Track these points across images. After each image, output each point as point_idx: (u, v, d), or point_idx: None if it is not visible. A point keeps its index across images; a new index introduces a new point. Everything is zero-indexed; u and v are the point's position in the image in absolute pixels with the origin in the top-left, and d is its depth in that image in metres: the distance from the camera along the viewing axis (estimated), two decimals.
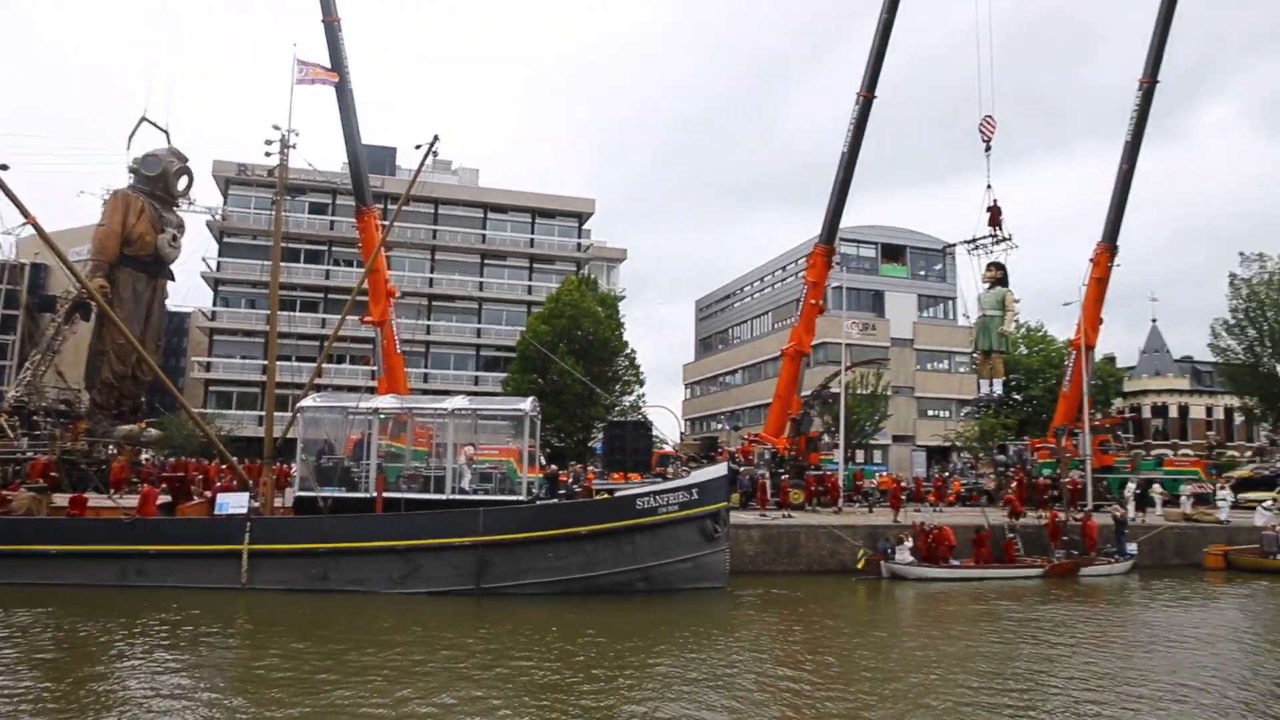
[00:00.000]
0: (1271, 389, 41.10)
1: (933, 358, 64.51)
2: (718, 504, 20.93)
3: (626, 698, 11.47)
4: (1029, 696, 11.89)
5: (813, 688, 12.11)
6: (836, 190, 35.11)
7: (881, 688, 12.16)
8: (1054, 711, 11.17)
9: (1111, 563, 26.10)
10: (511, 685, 11.88)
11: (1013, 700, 11.64)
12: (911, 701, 11.45)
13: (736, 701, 11.27)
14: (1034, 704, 11.50)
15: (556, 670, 12.76)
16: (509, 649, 14.07)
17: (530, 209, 59.68)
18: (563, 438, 43.64)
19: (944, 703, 11.39)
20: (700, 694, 11.57)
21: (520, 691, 11.58)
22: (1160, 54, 37.65)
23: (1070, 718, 10.99)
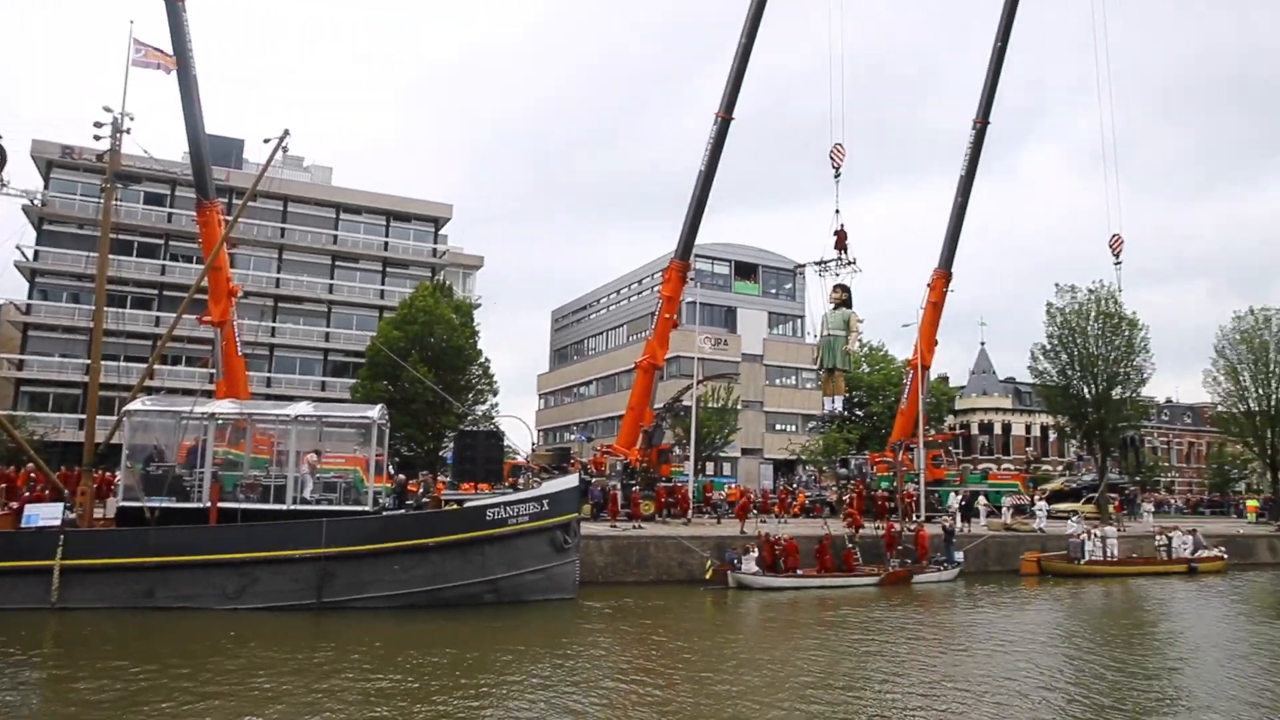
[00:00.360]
0: (1080, 409, 44.57)
1: (781, 373, 66.69)
2: (568, 515, 20.94)
3: (475, 711, 11.29)
4: (871, 696, 12.44)
5: (661, 694, 12.27)
6: (693, 208, 35.87)
7: (729, 693, 12.45)
8: (895, 708, 11.73)
9: (941, 570, 27.68)
10: (356, 701, 11.48)
11: (855, 700, 12.14)
12: (760, 704, 11.77)
13: (587, 710, 11.29)
14: (876, 703, 12.03)
15: (402, 685, 12.43)
16: (354, 664, 13.60)
17: (385, 211, 58.03)
18: (412, 447, 42.56)
19: (791, 705, 11.76)
20: (550, 704, 11.52)
21: (365, 707, 11.21)
22: (990, 99, 40.55)
23: (909, 713, 11.57)
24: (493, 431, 31.28)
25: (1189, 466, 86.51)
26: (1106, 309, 43.66)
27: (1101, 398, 43.39)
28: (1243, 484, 69.19)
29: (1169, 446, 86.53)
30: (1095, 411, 43.66)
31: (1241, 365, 49.32)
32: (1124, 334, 43.61)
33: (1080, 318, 44.17)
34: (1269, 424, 49.06)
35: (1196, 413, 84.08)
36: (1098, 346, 43.65)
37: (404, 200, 58.95)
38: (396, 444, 40.13)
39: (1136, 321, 43.99)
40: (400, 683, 12.65)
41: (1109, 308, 43.62)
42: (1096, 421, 43.88)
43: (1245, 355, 49.20)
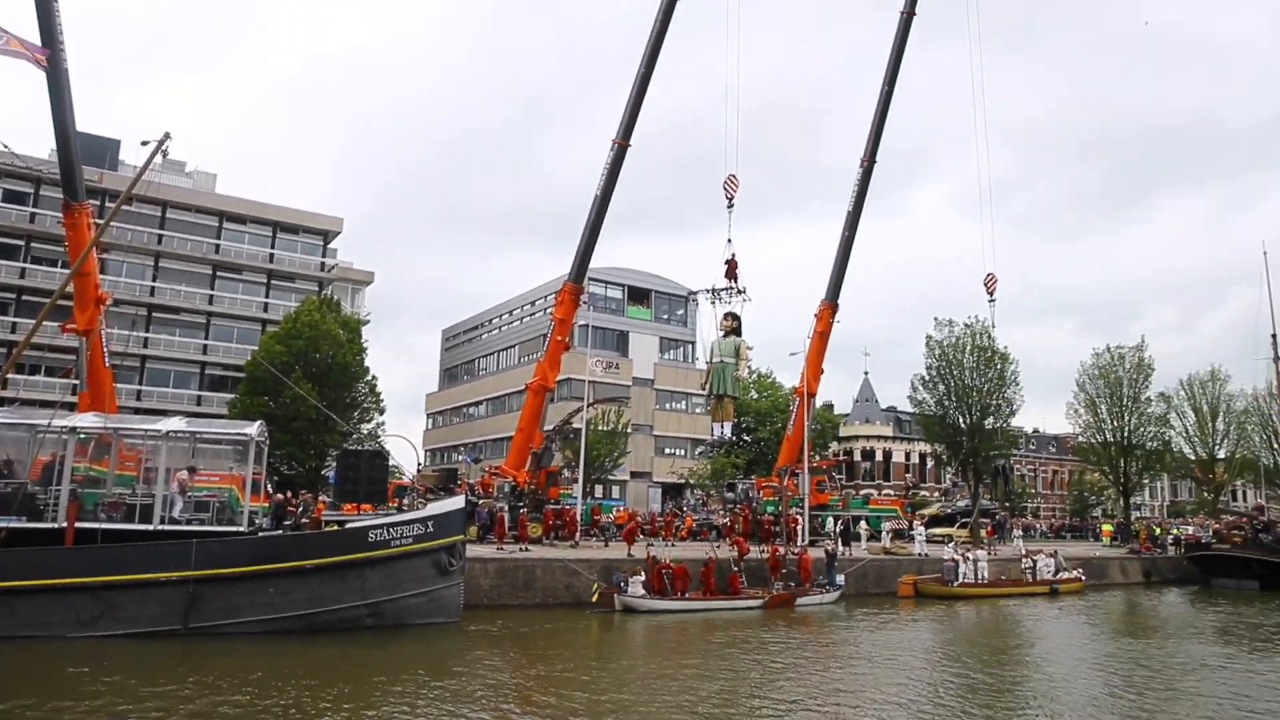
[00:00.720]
0: (956, 437, 46.60)
1: (671, 398, 67.34)
2: (454, 537, 20.57)
3: None
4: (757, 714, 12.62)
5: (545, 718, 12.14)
6: (588, 231, 36.01)
7: (616, 716, 12.40)
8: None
9: (823, 593, 28.32)
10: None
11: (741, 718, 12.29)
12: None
13: None
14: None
15: (277, 714, 11.91)
16: (224, 694, 12.96)
17: (272, 222, 56.10)
18: (293, 465, 41.11)
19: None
20: None
21: None
22: (878, 140, 42.24)
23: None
24: (377, 451, 30.53)
25: (1053, 493, 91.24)
26: (981, 343, 45.87)
27: (975, 427, 45.47)
28: (1099, 510, 73.37)
29: (1035, 474, 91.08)
30: (970, 440, 45.69)
31: (1099, 399, 52.55)
32: (996, 367, 45.91)
33: (957, 351, 46.28)
34: (1122, 453, 52.32)
35: (1060, 442, 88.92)
36: (972, 378, 45.80)
37: (292, 211, 57.18)
38: (276, 462, 38.70)
39: (1008, 356, 46.40)
40: (275, 712, 12.13)
41: (983, 342, 45.85)
42: (971, 450, 45.92)
43: (1102, 389, 52.48)
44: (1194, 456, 61.26)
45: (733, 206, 37.82)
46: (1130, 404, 51.90)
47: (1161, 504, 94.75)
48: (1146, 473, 56.77)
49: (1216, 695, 15.26)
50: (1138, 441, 52.37)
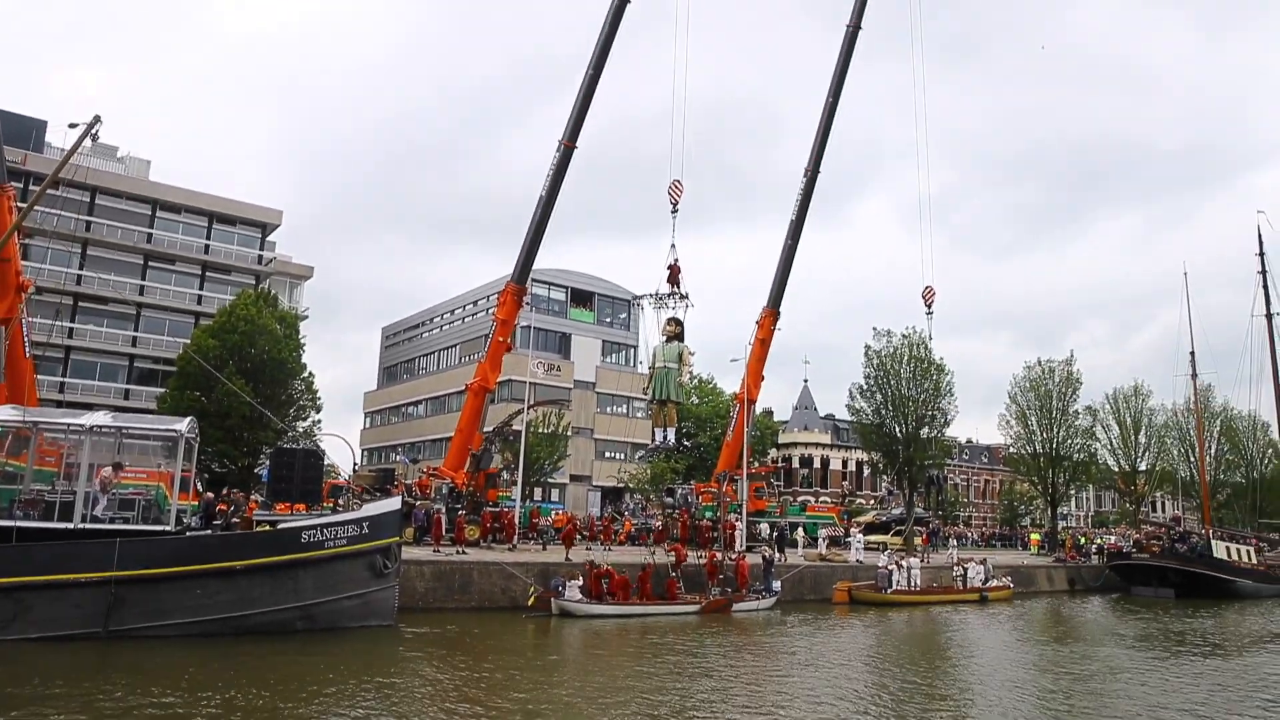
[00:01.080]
0: (892, 446, 47.33)
1: (612, 401, 67.31)
2: (389, 539, 20.26)
3: None
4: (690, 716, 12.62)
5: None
6: (531, 232, 35.80)
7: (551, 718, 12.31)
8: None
9: (759, 599, 28.53)
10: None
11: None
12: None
13: None
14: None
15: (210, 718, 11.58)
16: (145, 700, 12.53)
17: (208, 212, 54.56)
18: (225, 463, 40.06)
19: None
20: None
21: None
22: (821, 151, 42.76)
23: None
24: (312, 450, 29.89)
25: (984, 502, 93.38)
26: (918, 354, 46.68)
27: (911, 436, 46.23)
28: (1028, 519, 75.32)
29: (968, 483, 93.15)
30: (905, 449, 46.45)
31: (1030, 411, 53.96)
32: (932, 378, 46.75)
33: (894, 361, 47.02)
34: (1050, 464, 53.77)
35: (992, 453, 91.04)
36: (909, 388, 46.55)
37: (229, 202, 55.77)
38: (207, 460, 37.66)
39: (944, 367, 47.25)
40: (210, 715, 11.77)
41: (920, 353, 46.66)
42: (906, 458, 46.68)
43: (1033, 402, 53.89)
44: (1117, 468, 63.35)
45: (677, 212, 37.98)
46: (1059, 416, 53.40)
47: (1087, 514, 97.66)
48: (1073, 483, 58.39)
49: (1136, 698, 15.72)
50: (1065, 453, 53.88)
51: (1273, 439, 64.22)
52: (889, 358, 47.12)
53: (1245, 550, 45.72)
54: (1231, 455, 67.37)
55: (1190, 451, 61.88)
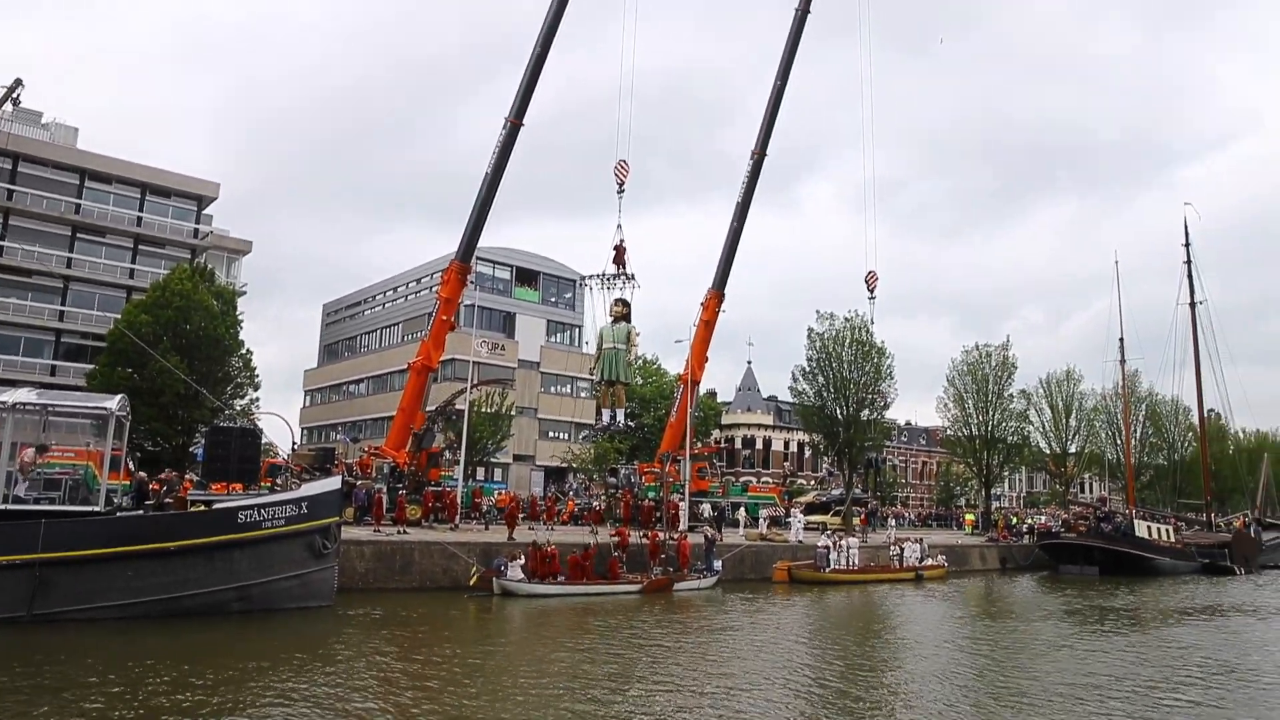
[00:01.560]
0: (833, 428, 48.12)
1: (556, 381, 67.16)
2: (329, 519, 20.03)
3: None
4: (631, 695, 12.71)
5: (420, 703, 11.94)
6: (477, 209, 35.44)
7: (490, 699, 12.31)
8: (654, 705, 12.03)
9: (701, 578, 28.83)
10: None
11: (615, 699, 12.35)
12: (527, 710, 11.73)
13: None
14: (637, 701, 12.30)
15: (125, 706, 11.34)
16: (68, 685, 12.24)
17: (141, 183, 52.85)
18: (159, 442, 39.12)
19: (552, 708, 11.80)
20: (297, 718, 10.93)
21: None
22: (769, 133, 42.97)
23: (672, 710, 11.94)
24: (249, 428, 29.35)
25: (922, 483, 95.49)
26: (859, 337, 47.41)
27: (851, 418, 47.00)
28: (963, 499, 77.23)
29: (906, 465, 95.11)
30: (846, 431, 47.24)
31: (966, 394, 55.21)
32: (873, 361, 47.55)
33: (836, 344, 47.70)
34: (985, 446, 55.14)
35: (930, 435, 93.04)
36: (850, 371, 47.30)
37: (163, 173, 54.08)
38: (140, 438, 36.77)
39: (884, 350, 48.08)
40: (152, 697, 11.54)
41: (861, 336, 47.40)
42: (847, 440, 47.49)
43: (970, 386, 55.14)
44: (1049, 451, 65.27)
45: (623, 192, 37.96)
46: (994, 400, 54.74)
47: (1019, 495, 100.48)
48: (1007, 465, 60.03)
49: (1067, 670, 16.28)
50: (1000, 435, 55.31)
51: (1193, 423, 66.67)
52: (831, 340, 47.80)
53: (1165, 530, 47.50)
54: (1155, 439, 69.94)
55: (1117, 435, 64.04)
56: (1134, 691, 14.80)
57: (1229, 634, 23.62)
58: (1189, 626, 24.97)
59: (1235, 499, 73.41)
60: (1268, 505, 71.32)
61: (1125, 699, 14.14)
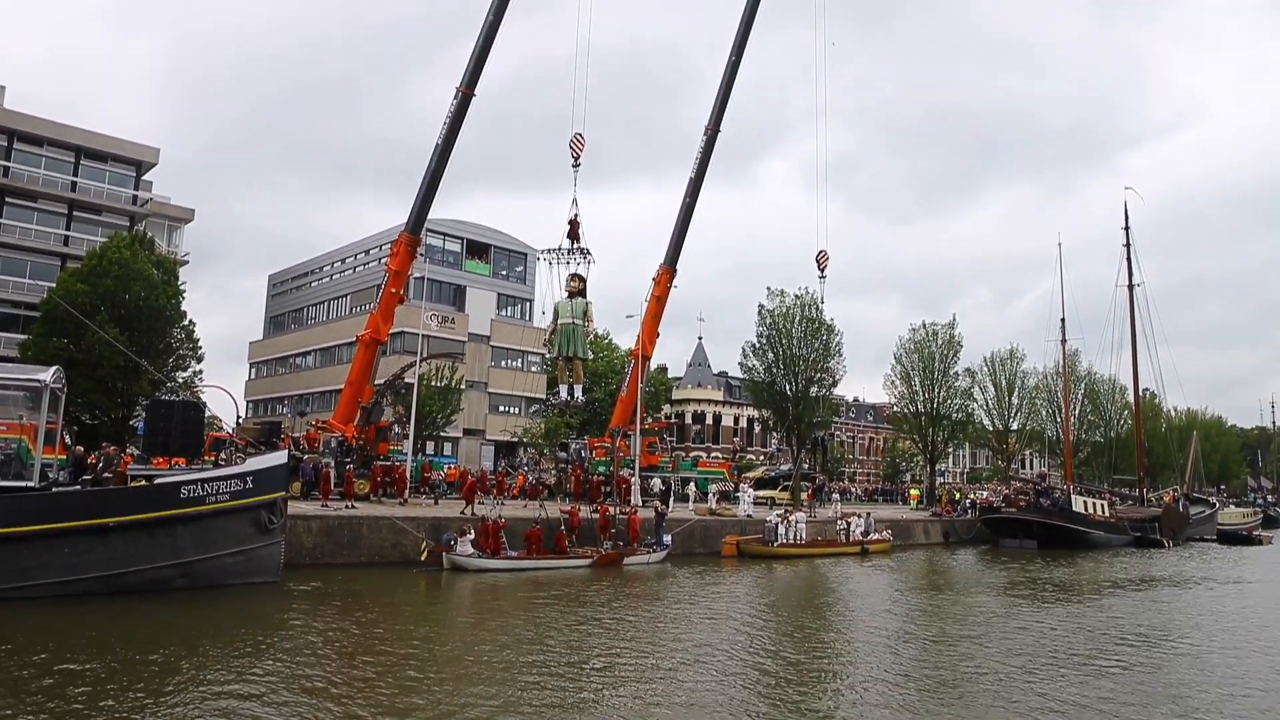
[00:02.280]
0: (782, 404, 48.59)
1: (507, 355, 66.80)
2: (274, 493, 19.77)
3: (156, 708, 10.33)
4: (580, 668, 12.78)
5: (367, 679, 11.88)
6: (426, 181, 34.94)
7: (441, 676, 12.29)
8: (603, 678, 12.13)
9: (650, 553, 29.04)
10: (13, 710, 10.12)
11: (569, 678, 12.42)
12: (480, 685, 11.74)
13: (287, 701, 10.70)
14: (588, 674, 12.38)
15: (63, 684, 11.11)
16: (8, 668, 11.95)
17: (75, 146, 51.04)
18: (97, 415, 38.12)
19: (507, 686, 11.83)
20: (242, 696, 10.80)
21: (19, 713, 9.91)
22: (723, 109, 42.89)
23: (621, 683, 12.02)
24: (191, 401, 28.70)
25: (869, 459, 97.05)
26: (809, 314, 47.83)
27: (800, 395, 47.51)
28: (909, 475, 78.73)
29: (854, 441, 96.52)
30: (795, 407, 47.74)
31: (913, 372, 56.12)
32: (822, 338, 48.05)
33: (786, 320, 48.07)
34: (931, 423, 56.18)
35: (878, 411, 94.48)
36: (800, 348, 47.73)
37: (99, 136, 52.33)
38: (77, 411, 35.77)
39: (833, 327, 48.59)
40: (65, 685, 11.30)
41: (811, 313, 47.82)
42: (796, 416, 48.01)
43: (916, 363, 56.04)
44: (992, 427, 66.79)
45: (579, 166, 37.67)
46: (940, 378, 55.72)
47: (963, 470, 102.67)
48: (951, 441, 61.27)
49: (1004, 636, 16.75)
50: (945, 412, 56.36)
51: (1129, 401, 68.66)
52: (781, 317, 48.13)
53: (1100, 504, 48.98)
54: (1093, 416, 71.95)
55: (1057, 412, 65.72)
56: (1070, 659, 15.30)
57: (1157, 603, 24.53)
58: (1120, 598, 25.84)
59: (1166, 474, 75.88)
60: (1196, 480, 74.03)
61: (1061, 666, 14.61)
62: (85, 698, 10.53)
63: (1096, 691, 12.94)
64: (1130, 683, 13.80)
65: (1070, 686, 13.24)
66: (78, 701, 10.38)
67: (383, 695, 11.31)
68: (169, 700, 10.68)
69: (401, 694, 11.40)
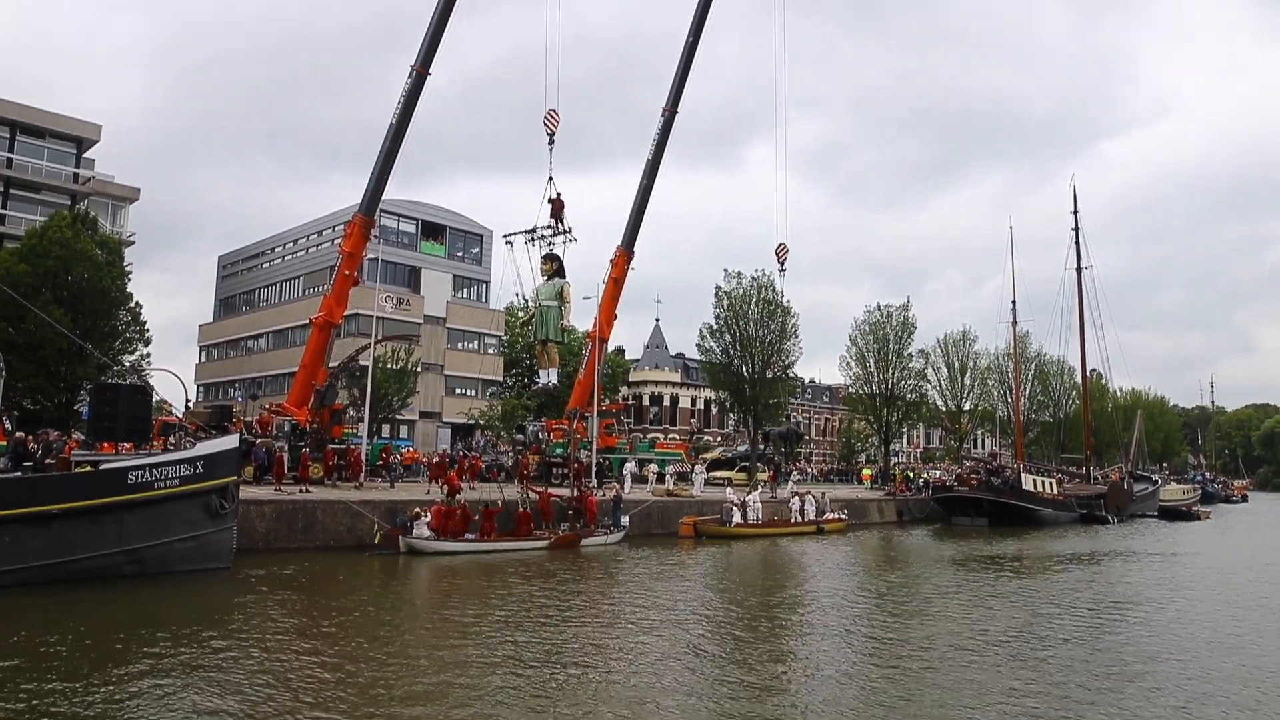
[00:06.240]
0: (739, 385, 48.81)
1: (464, 337, 66.22)
2: (226, 478, 19.48)
3: (108, 699, 10.13)
4: (540, 651, 12.79)
5: (319, 667, 11.77)
6: (380, 161, 34.42)
7: (398, 660, 12.23)
8: (563, 660, 12.15)
9: (607, 534, 29.12)
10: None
11: (526, 663, 12.41)
12: (442, 668, 11.70)
13: (234, 690, 10.56)
14: (550, 658, 12.38)
15: (13, 683, 10.86)
16: None
17: (11, 121, 49.37)
18: (38, 400, 37.13)
19: (467, 671, 11.79)
20: (192, 687, 10.64)
21: None
22: (680, 90, 42.81)
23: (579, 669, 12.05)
24: (138, 385, 28.05)
25: (824, 439, 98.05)
26: (766, 296, 48.04)
27: (757, 376, 47.78)
28: (864, 455, 79.70)
29: (810, 422, 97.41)
30: (751, 388, 48.01)
31: (868, 353, 56.68)
32: (779, 320, 48.31)
33: (743, 302, 48.24)
34: (885, 404, 56.86)
35: (834, 392, 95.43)
36: (756, 330, 47.95)
37: (36, 112, 50.48)
38: (18, 396, 34.82)
39: (789, 309, 48.85)
40: (6, 679, 11.04)
41: (768, 295, 48.04)
42: (752, 397, 48.28)
43: (872, 345, 56.61)
44: (945, 408, 67.84)
45: (553, 144, 37.34)
46: (894, 359, 56.34)
47: (917, 450, 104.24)
48: (905, 422, 62.08)
49: (954, 614, 17.10)
50: (899, 393, 57.04)
51: (1077, 382, 70.16)
52: (738, 299, 48.29)
53: (1048, 482, 50.10)
54: (1043, 397, 73.43)
55: (1008, 393, 66.94)
56: (1021, 634, 15.66)
57: (1102, 576, 25.23)
58: (1063, 572, 26.49)
59: (1112, 453, 77.78)
60: (1140, 459, 75.98)
61: (1015, 639, 14.95)
62: (26, 691, 10.30)
63: (1047, 671, 13.27)
64: (1079, 655, 14.16)
65: (1018, 663, 13.56)
66: (18, 695, 10.14)
67: (335, 681, 11.22)
68: (114, 690, 10.49)
69: (355, 679, 11.32)
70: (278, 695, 10.51)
